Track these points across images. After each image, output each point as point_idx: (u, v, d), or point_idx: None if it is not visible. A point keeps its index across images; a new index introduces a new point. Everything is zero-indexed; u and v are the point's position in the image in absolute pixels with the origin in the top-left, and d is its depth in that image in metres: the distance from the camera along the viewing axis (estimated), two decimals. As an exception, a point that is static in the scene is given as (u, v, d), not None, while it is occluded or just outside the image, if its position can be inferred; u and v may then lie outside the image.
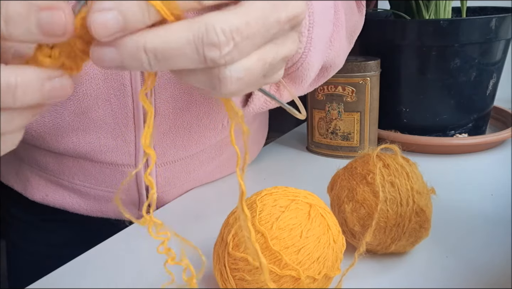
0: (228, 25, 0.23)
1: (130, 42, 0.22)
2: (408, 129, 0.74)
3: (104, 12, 0.22)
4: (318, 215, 0.38)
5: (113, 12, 0.22)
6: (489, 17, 0.66)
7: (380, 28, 0.72)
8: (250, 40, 0.24)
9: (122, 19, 0.22)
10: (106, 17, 0.22)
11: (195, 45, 0.23)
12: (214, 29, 0.22)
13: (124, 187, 0.58)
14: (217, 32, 0.22)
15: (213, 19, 0.23)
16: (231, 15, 0.23)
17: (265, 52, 0.26)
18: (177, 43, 0.22)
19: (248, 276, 0.36)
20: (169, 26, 0.23)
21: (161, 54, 0.23)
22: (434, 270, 0.43)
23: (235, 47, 0.23)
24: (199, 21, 0.23)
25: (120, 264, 0.47)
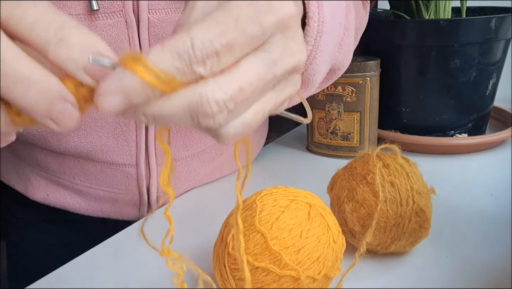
0: (221, 96, 0.23)
1: (130, 110, 0.24)
2: (408, 129, 0.74)
3: (110, 96, 0.23)
4: (318, 215, 0.38)
5: (118, 96, 0.23)
6: (489, 17, 0.66)
7: (380, 28, 0.72)
8: (245, 103, 0.25)
9: (127, 101, 0.23)
10: (112, 101, 0.23)
11: (190, 114, 0.23)
12: (207, 100, 0.23)
13: (124, 187, 0.58)
14: (210, 104, 0.23)
15: (207, 89, 0.23)
16: (225, 82, 0.24)
17: (263, 104, 0.26)
18: (173, 111, 0.23)
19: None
20: (167, 97, 0.23)
21: (159, 118, 0.24)
22: (434, 270, 0.43)
23: (230, 112, 0.24)
24: (194, 91, 0.23)
25: (120, 264, 0.47)
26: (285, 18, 0.25)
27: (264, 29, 0.24)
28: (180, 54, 0.23)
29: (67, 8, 0.46)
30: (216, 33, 0.23)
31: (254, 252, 0.35)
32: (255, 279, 0.36)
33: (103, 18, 0.47)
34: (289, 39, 0.26)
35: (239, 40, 0.24)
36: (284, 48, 0.26)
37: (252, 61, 0.25)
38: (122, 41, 0.49)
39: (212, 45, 0.23)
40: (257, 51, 0.25)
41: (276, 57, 0.25)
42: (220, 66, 0.24)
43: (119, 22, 0.48)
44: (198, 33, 0.23)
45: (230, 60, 0.24)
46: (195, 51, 0.23)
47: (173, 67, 0.23)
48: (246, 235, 0.36)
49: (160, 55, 0.23)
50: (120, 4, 0.47)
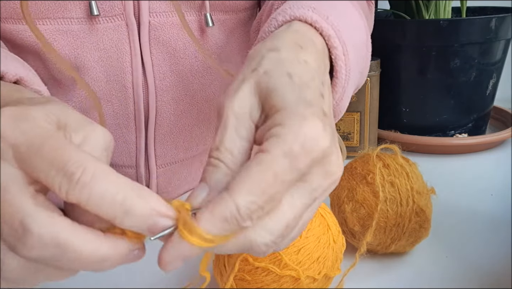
0: (269, 238, 0.26)
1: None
2: (408, 129, 0.74)
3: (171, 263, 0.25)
4: (318, 215, 0.38)
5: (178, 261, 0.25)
6: (489, 17, 0.66)
7: (380, 28, 0.72)
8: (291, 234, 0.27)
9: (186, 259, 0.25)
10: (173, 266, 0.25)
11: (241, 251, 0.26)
12: (257, 245, 0.26)
13: None
14: (260, 247, 0.26)
15: (256, 235, 0.26)
16: (272, 225, 0.26)
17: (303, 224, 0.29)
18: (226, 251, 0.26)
19: (248, 276, 0.36)
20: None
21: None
22: (434, 270, 0.43)
23: (277, 246, 0.27)
24: (245, 239, 0.26)
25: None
26: (320, 155, 0.26)
27: (301, 172, 0.26)
28: (228, 219, 0.24)
29: (68, 12, 0.46)
30: (258, 193, 0.24)
31: (254, 252, 0.35)
32: (255, 279, 0.36)
33: (104, 22, 0.47)
34: (326, 165, 0.27)
35: (279, 189, 0.25)
36: (323, 175, 0.27)
37: (294, 196, 0.26)
38: (123, 44, 0.49)
39: (256, 205, 0.24)
40: (297, 184, 0.26)
41: (315, 185, 0.27)
42: (264, 214, 0.25)
43: (120, 25, 0.48)
44: (241, 198, 0.24)
45: (272, 206, 0.26)
46: (241, 214, 0.24)
47: (224, 230, 0.24)
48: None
49: (211, 224, 0.24)
50: (121, 7, 0.47)
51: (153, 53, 0.50)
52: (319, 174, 0.27)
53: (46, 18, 0.46)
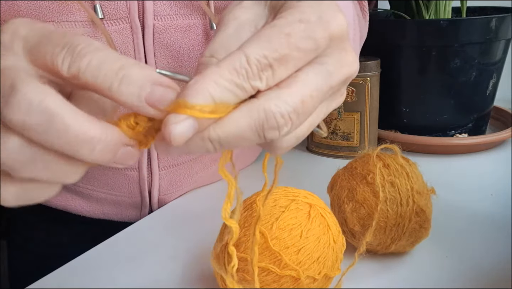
0: (285, 108, 0.24)
1: (197, 137, 0.24)
2: (408, 129, 0.74)
3: (181, 122, 0.23)
4: (318, 215, 0.38)
5: (190, 120, 0.23)
6: (489, 17, 0.66)
7: (380, 28, 0.72)
8: (306, 114, 0.25)
9: (197, 125, 0.23)
10: (184, 128, 0.23)
11: (257, 131, 0.24)
12: (273, 115, 0.24)
13: (126, 190, 0.58)
14: (277, 118, 0.24)
15: (271, 103, 0.24)
16: (287, 96, 0.24)
17: (316, 116, 0.27)
18: (240, 131, 0.24)
19: (248, 276, 0.36)
20: (231, 116, 0.24)
21: (225, 141, 0.24)
22: (434, 270, 0.43)
23: (293, 124, 0.25)
24: (258, 108, 0.24)
25: (120, 264, 0.47)
26: (338, 31, 0.26)
27: (317, 43, 0.25)
28: (238, 70, 0.23)
29: (72, 15, 0.46)
30: (269, 49, 0.23)
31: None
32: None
33: (108, 25, 0.47)
34: (342, 50, 0.26)
35: (292, 55, 0.24)
36: (338, 60, 0.26)
37: (309, 74, 0.25)
38: (127, 47, 0.49)
39: (266, 60, 0.23)
40: (313, 64, 0.25)
41: (332, 69, 0.26)
42: (275, 79, 0.24)
43: (125, 28, 0.48)
44: (251, 49, 0.23)
45: (284, 73, 0.24)
46: (250, 66, 0.23)
47: (233, 83, 0.23)
48: (246, 235, 0.36)
49: (218, 75, 0.23)
50: (126, 10, 0.47)
51: (157, 56, 0.50)
52: (335, 58, 0.26)
53: (50, 21, 0.46)
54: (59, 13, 0.45)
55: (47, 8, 0.45)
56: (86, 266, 0.47)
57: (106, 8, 0.46)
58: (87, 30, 0.47)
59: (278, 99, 0.24)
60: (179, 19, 0.49)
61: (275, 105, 0.24)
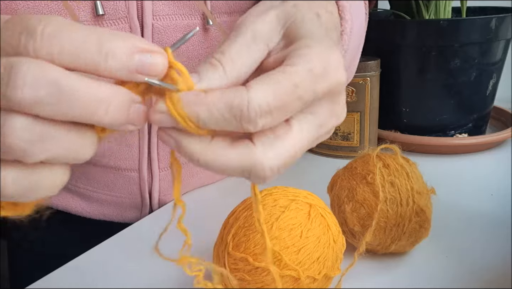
0: (275, 163, 0.25)
1: (185, 155, 0.25)
2: (408, 129, 0.74)
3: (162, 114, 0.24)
4: (318, 215, 0.38)
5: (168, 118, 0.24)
6: (489, 17, 0.66)
7: (380, 28, 0.72)
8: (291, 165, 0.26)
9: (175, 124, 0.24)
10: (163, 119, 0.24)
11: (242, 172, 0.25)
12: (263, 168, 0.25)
13: (127, 191, 0.58)
14: (265, 171, 0.25)
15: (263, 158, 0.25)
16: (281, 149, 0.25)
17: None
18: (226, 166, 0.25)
19: (248, 276, 0.36)
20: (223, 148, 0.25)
21: (211, 168, 0.25)
22: (434, 270, 0.43)
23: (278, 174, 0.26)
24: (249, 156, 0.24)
25: (120, 264, 0.47)
26: (336, 86, 0.26)
27: (317, 95, 0.25)
28: (234, 107, 0.23)
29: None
30: (274, 96, 0.24)
31: (254, 252, 0.35)
32: (255, 279, 0.36)
33: (107, 25, 0.47)
34: (335, 104, 0.27)
35: (293, 104, 0.24)
36: (330, 112, 0.27)
37: (302, 125, 0.26)
38: None
39: (268, 107, 0.24)
40: (305, 113, 0.26)
41: (323, 121, 0.27)
42: (267, 125, 0.24)
43: (124, 28, 0.48)
44: (256, 94, 0.24)
45: (279, 120, 0.25)
46: (249, 110, 0.23)
47: (222, 116, 0.24)
48: (246, 235, 0.36)
49: (216, 98, 0.24)
50: (125, 10, 0.47)
51: None
52: (328, 109, 0.27)
53: None
54: (58, 13, 0.45)
55: (46, 7, 0.45)
56: (86, 266, 0.47)
57: (105, 9, 0.46)
58: None
59: (272, 152, 0.25)
60: (178, 19, 0.49)
61: (267, 158, 0.25)
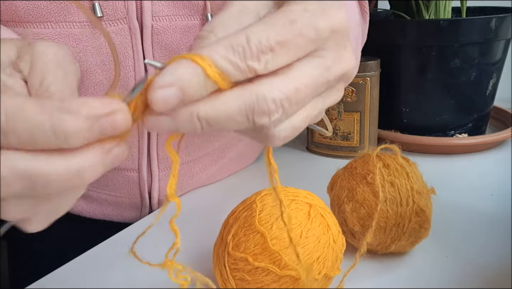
0: (277, 94, 0.24)
1: (185, 111, 0.23)
2: (408, 129, 0.74)
3: (165, 88, 0.22)
4: (318, 215, 0.38)
5: (174, 88, 0.22)
6: (489, 17, 0.66)
7: (380, 28, 0.72)
8: (299, 104, 0.25)
9: (181, 94, 0.22)
10: (167, 93, 0.22)
11: (246, 113, 0.24)
12: (264, 99, 0.23)
13: (126, 191, 0.58)
14: (268, 102, 0.23)
15: (263, 88, 0.23)
16: (281, 82, 0.24)
17: (312, 108, 0.27)
18: (229, 111, 0.23)
19: (248, 276, 0.36)
20: (222, 95, 0.23)
21: (214, 121, 0.24)
22: (434, 270, 0.43)
23: (284, 112, 0.24)
24: (250, 90, 0.23)
25: (120, 264, 0.47)
26: (339, 25, 0.26)
27: (319, 33, 0.25)
28: (234, 47, 0.23)
29: (70, 16, 0.46)
30: (272, 32, 0.23)
31: (254, 252, 0.35)
32: (255, 279, 0.36)
33: (107, 26, 0.47)
34: (341, 47, 0.27)
35: (295, 41, 0.24)
36: (337, 55, 0.26)
37: (307, 64, 0.25)
38: (126, 48, 0.49)
39: (268, 42, 0.23)
40: (311, 56, 0.25)
41: (330, 63, 0.26)
42: (274, 64, 0.24)
43: (123, 29, 0.48)
44: (254, 30, 0.23)
45: (284, 60, 0.24)
46: (250, 46, 0.23)
47: (227, 60, 0.23)
48: (246, 235, 0.36)
49: (215, 48, 0.23)
50: (124, 11, 0.47)
51: (156, 57, 0.50)
52: (334, 53, 0.26)
53: (48, 22, 0.46)
54: (57, 14, 0.45)
55: (45, 8, 0.45)
56: (86, 266, 0.47)
57: (104, 9, 0.46)
58: (85, 31, 0.47)
59: (271, 85, 0.24)
60: (178, 20, 0.49)
61: (268, 90, 0.24)
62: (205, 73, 0.22)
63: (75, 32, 0.46)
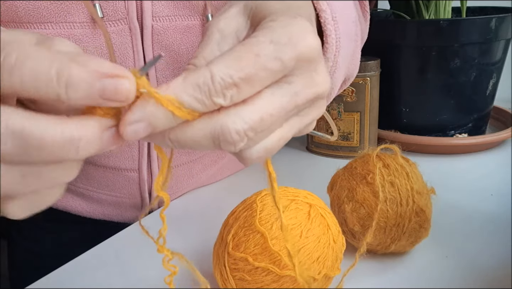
0: (241, 126, 0.24)
1: (157, 134, 0.25)
2: (408, 129, 0.74)
3: (135, 124, 0.24)
4: (318, 215, 0.38)
5: (143, 123, 0.24)
6: (489, 17, 0.66)
7: (380, 28, 0.72)
8: (266, 132, 0.26)
9: (151, 129, 0.24)
10: (137, 128, 0.24)
11: (212, 141, 0.25)
12: (229, 130, 0.24)
13: (126, 191, 0.58)
14: (232, 134, 0.24)
15: (228, 120, 0.24)
16: (246, 113, 0.24)
17: (287, 129, 0.27)
18: (196, 138, 0.25)
19: (248, 276, 0.36)
20: (190, 125, 0.25)
21: (183, 144, 0.25)
22: (434, 270, 0.43)
23: (250, 140, 0.25)
24: (215, 121, 0.24)
25: (120, 264, 0.47)
26: (307, 52, 0.26)
27: (285, 65, 0.25)
28: (200, 86, 0.24)
29: (70, 16, 0.46)
30: (236, 68, 0.24)
31: (254, 252, 0.35)
32: (255, 279, 0.36)
33: (107, 26, 0.47)
34: (311, 71, 0.27)
35: (259, 75, 0.24)
36: (306, 80, 0.26)
37: (274, 92, 0.25)
38: (126, 48, 0.49)
39: (231, 79, 0.24)
40: (280, 83, 0.26)
41: (298, 89, 0.26)
42: (240, 97, 0.24)
43: (123, 29, 0.48)
44: (217, 68, 0.24)
45: (249, 92, 0.25)
46: (214, 84, 0.23)
47: (194, 98, 0.24)
48: (246, 235, 0.36)
49: (182, 87, 0.24)
50: (124, 11, 0.47)
51: None
52: (303, 78, 0.26)
53: (48, 23, 0.46)
54: (58, 14, 0.45)
55: (46, 9, 0.45)
56: (86, 266, 0.47)
57: (104, 10, 0.46)
58: (85, 31, 0.47)
59: (236, 116, 0.24)
60: (178, 20, 0.49)
61: (232, 122, 0.24)
62: (173, 114, 0.24)
63: (75, 33, 0.46)
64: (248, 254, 0.35)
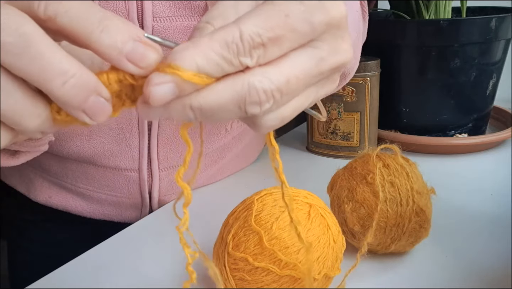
0: (268, 85, 0.24)
1: (178, 103, 0.24)
2: (408, 129, 0.74)
3: (162, 85, 0.23)
4: (318, 215, 0.38)
5: (170, 84, 0.23)
6: (489, 17, 0.66)
7: (380, 28, 0.72)
8: (290, 95, 0.25)
9: (178, 90, 0.23)
10: (164, 90, 0.23)
11: (238, 103, 0.24)
12: (256, 89, 0.24)
13: (126, 191, 0.58)
14: (259, 92, 0.24)
15: (255, 79, 0.24)
16: (272, 73, 0.24)
17: (305, 98, 0.27)
18: (221, 102, 0.24)
19: (248, 276, 0.36)
20: (214, 87, 0.24)
21: (206, 111, 0.24)
22: (434, 270, 0.43)
23: (275, 103, 0.24)
24: (242, 81, 0.24)
25: (120, 264, 0.47)
26: (336, 18, 0.25)
27: (314, 28, 0.24)
28: (229, 44, 0.23)
29: None
30: (265, 27, 0.23)
31: (254, 252, 0.35)
32: (255, 279, 0.36)
33: None
34: (338, 38, 0.26)
35: (287, 36, 0.24)
36: (333, 46, 0.26)
37: (301, 56, 0.25)
38: None
39: (260, 38, 0.23)
40: (306, 47, 0.25)
41: (324, 55, 0.26)
42: (266, 58, 0.24)
43: None
44: (246, 26, 0.23)
45: (277, 53, 0.24)
46: (243, 41, 0.23)
47: (221, 57, 0.23)
48: (246, 235, 0.36)
49: (209, 47, 0.23)
50: (125, 12, 0.47)
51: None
52: (329, 43, 0.26)
53: None
54: None
55: None
56: (86, 266, 0.47)
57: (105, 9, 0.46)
58: None
59: (263, 76, 0.24)
60: (179, 21, 0.49)
61: (259, 81, 0.24)
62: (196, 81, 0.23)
63: None
64: (248, 254, 0.35)
